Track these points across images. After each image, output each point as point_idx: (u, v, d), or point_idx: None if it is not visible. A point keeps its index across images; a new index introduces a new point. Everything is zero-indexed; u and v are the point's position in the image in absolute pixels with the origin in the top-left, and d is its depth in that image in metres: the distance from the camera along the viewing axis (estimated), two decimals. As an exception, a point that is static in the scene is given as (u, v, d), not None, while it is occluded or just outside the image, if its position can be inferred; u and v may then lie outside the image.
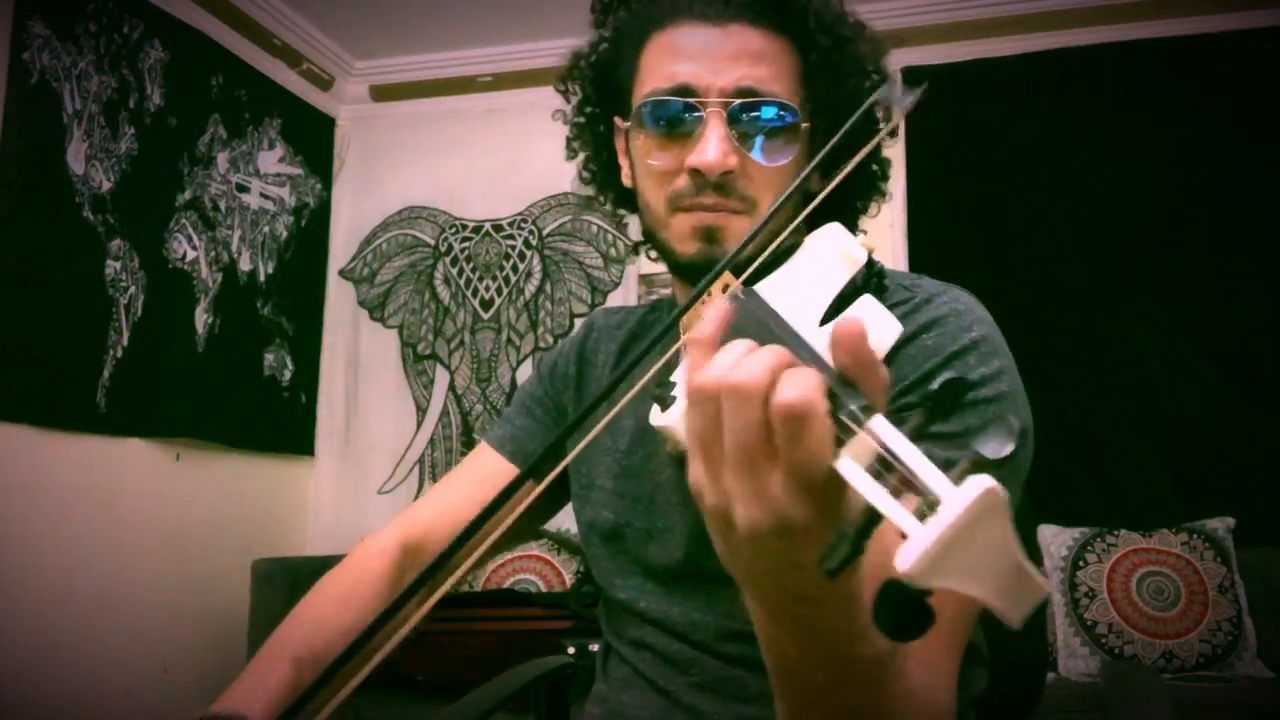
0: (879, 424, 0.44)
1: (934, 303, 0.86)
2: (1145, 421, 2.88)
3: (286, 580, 2.78)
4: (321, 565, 1.06)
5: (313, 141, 3.62)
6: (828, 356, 0.50)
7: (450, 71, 3.64)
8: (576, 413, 1.05)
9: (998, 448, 0.42)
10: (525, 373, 3.48)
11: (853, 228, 0.89)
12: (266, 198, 3.38)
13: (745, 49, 0.87)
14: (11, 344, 2.44)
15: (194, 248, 3.04)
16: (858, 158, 0.69)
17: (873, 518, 0.43)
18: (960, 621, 0.77)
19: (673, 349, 0.65)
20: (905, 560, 0.40)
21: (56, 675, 2.50)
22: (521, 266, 3.56)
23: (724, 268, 0.63)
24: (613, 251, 3.46)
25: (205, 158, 3.10)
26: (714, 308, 0.55)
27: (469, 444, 3.48)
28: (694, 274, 0.88)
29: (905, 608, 0.42)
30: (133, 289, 2.79)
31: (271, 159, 3.41)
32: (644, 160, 0.90)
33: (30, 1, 2.51)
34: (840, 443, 0.45)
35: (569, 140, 1.04)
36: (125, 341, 2.75)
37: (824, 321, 0.68)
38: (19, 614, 2.43)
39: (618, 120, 0.97)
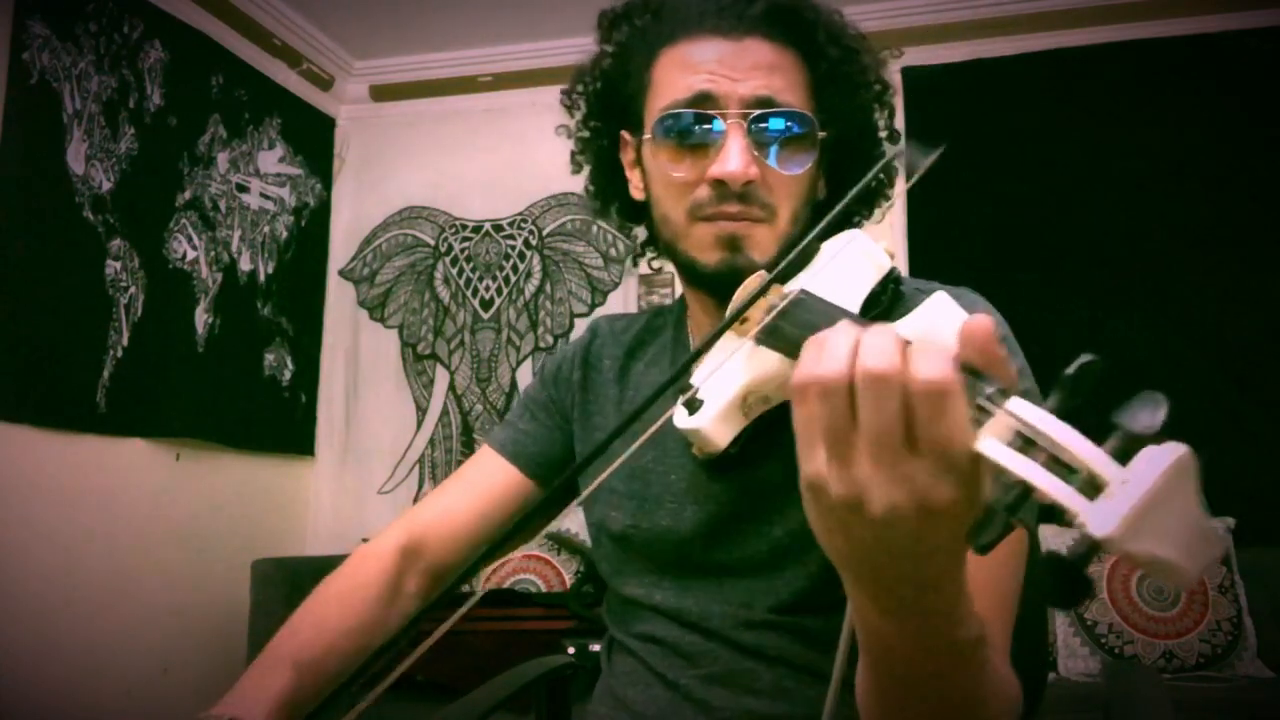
0: (1017, 403, 0.46)
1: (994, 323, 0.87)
2: (1145, 421, 2.88)
3: (286, 580, 2.78)
4: (321, 565, 1.06)
5: (313, 141, 3.62)
6: None
7: (450, 71, 3.64)
8: (585, 418, 1.07)
9: (1149, 420, 0.44)
10: (525, 372, 3.48)
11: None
12: (266, 198, 3.38)
13: (760, 61, 0.89)
14: (11, 344, 2.44)
15: (194, 248, 3.04)
16: (869, 176, 0.71)
17: (1024, 493, 0.44)
18: (1014, 598, 0.78)
19: (689, 358, 0.65)
20: (1105, 525, 0.41)
21: (56, 675, 2.50)
22: (521, 266, 3.56)
23: (773, 279, 0.63)
24: (613, 251, 3.46)
25: (205, 158, 3.10)
26: (757, 304, 0.55)
27: (469, 444, 3.49)
28: (717, 283, 0.90)
29: (1070, 577, 0.43)
30: (133, 289, 2.79)
31: (271, 159, 3.41)
32: (663, 172, 0.91)
33: (30, 1, 2.51)
34: (978, 424, 0.46)
35: (574, 154, 1.06)
36: (125, 341, 2.75)
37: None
38: (19, 614, 2.42)
39: (625, 134, 0.99)
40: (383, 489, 3.52)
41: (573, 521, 3.11)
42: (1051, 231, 3.08)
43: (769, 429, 0.82)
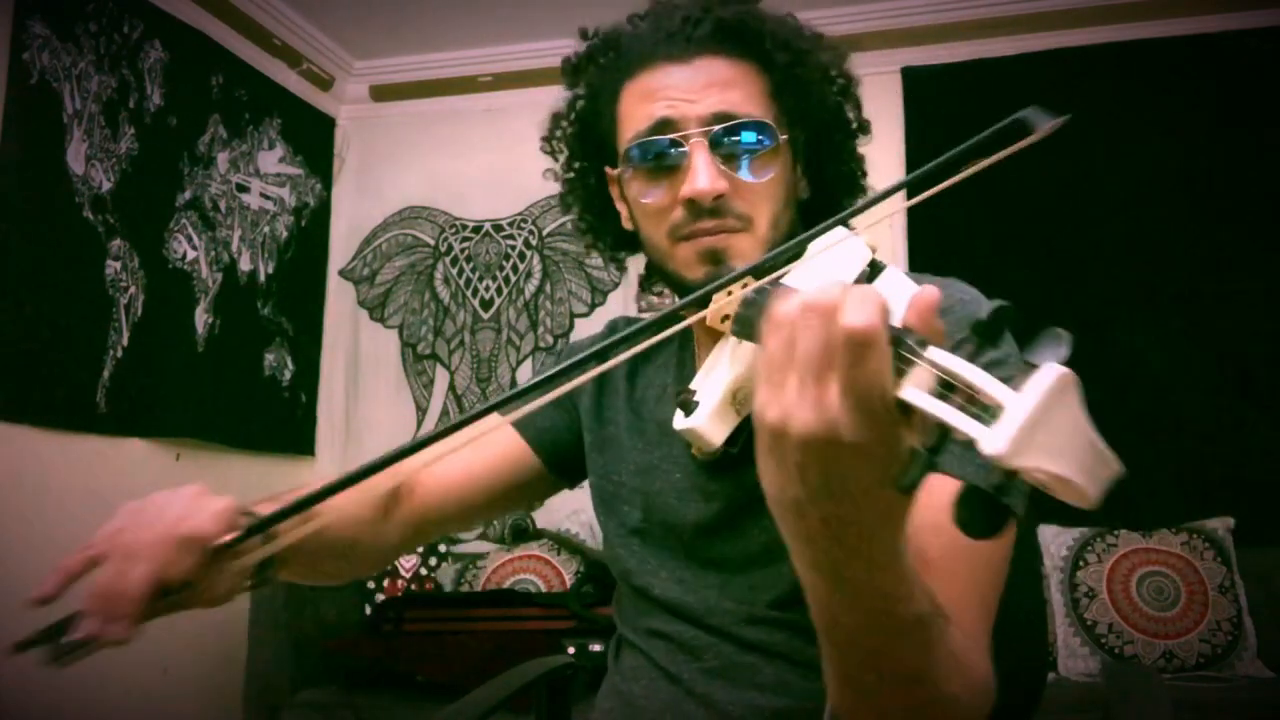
0: (936, 352, 0.49)
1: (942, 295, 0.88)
2: (1146, 422, 2.88)
3: (286, 580, 2.77)
4: (322, 565, 1.05)
5: (313, 141, 3.62)
6: None
7: (450, 71, 3.64)
8: (596, 409, 1.09)
9: (1052, 355, 0.46)
10: (525, 372, 3.48)
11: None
12: (267, 198, 3.38)
13: (714, 78, 0.92)
14: (11, 344, 2.44)
15: (194, 248, 3.04)
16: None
17: (944, 435, 0.48)
18: (991, 585, 0.79)
19: (666, 332, 0.67)
20: (995, 442, 0.44)
21: (56, 675, 2.49)
22: (521, 266, 3.56)
23: (746, 272, 0.67)
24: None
25: (205, 158, 3.10)
26: (733, 298, 0.58)
27: (469, 444, 3.48)
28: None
29: (983, 507, 0.46)
30: (133, 289, 2.79)
31: (271, 159, 3.41)
32: (639, 200, 0.95)
33: (30, 1, 2.51)
34: (901, 373, 0.49)
35: (563, 196, 1.09)
36: (125, 341, 2.75)
37: None
38: (19, 614, 2.42)
39: (608, 170, 1.02)
40: (383, 489, 3.52)
41: (573, 522, 3.11)
42: (1051, 231, 3.08)
43: None
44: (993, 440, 0.44)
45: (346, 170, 3.75)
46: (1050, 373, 0.45)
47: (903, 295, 0.57)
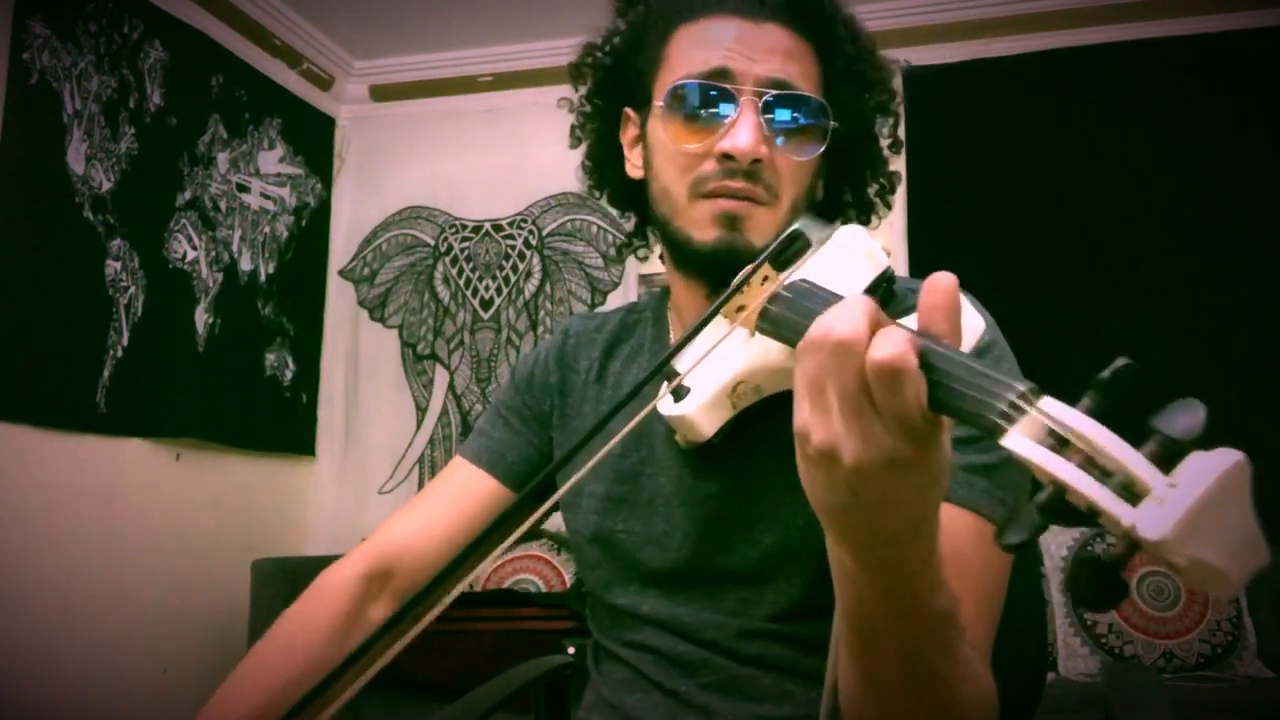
0: (1050, 403, 0.46)
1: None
2: (1145, 421, 2.88)
3: (286, 580, 2.78)
4: (321, 565, 1.03)
5: (313, 141, 3.62)
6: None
7: (450, 71, 3.64)
8: (564, 421, 1.04)
9: (1188, 425, 0.43)
10: (525, 373, 3.47)
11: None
12: (267, 198, 3.38)
13: (777, 46, 0.89)
14: (11, 344, 2.44)
15: (194, 248, 3.04)
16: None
17: (1057, 493, 0.44)
18: (995, 603, 0.79)
19: (669, 354, 0.66)
20: (1156, 528, 0.41)
21: (57, 675, 2.50)
22: (521, 266, 3.56)
23: (766, 258, 0.65)
24: (613, 251, 3.46)
25: (205, 158, 3.10)
26: (759, 296, 0.57)
27: (469, 444, 3.48)
28: (711, 262, 0.88)
29: (1104, 581, 0.43)
30: (133, 289, 2.79)
31: (271, 159, 3.41)
32: (669, 145, 0.90)
33: (30, 1, 2.51)
34: (1011, 420, 0.47)
35: (574, 128, 1.04)
36: (125, 341, 2.75)
37: None
38: (19, 614, 2.42)
39: (629, 111, 0.98)
40: (383, 489, 3.52)
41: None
42: (1052, 231, 3.08)
43: (755, 423, 0.81)
44: (1153, 524, 0.41)
45: (346, 170, 3.75)
46: (1227, 458, 0.42)
47: (967, 320, 0.56)
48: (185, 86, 3.00)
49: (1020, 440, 0.46)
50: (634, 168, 0.98)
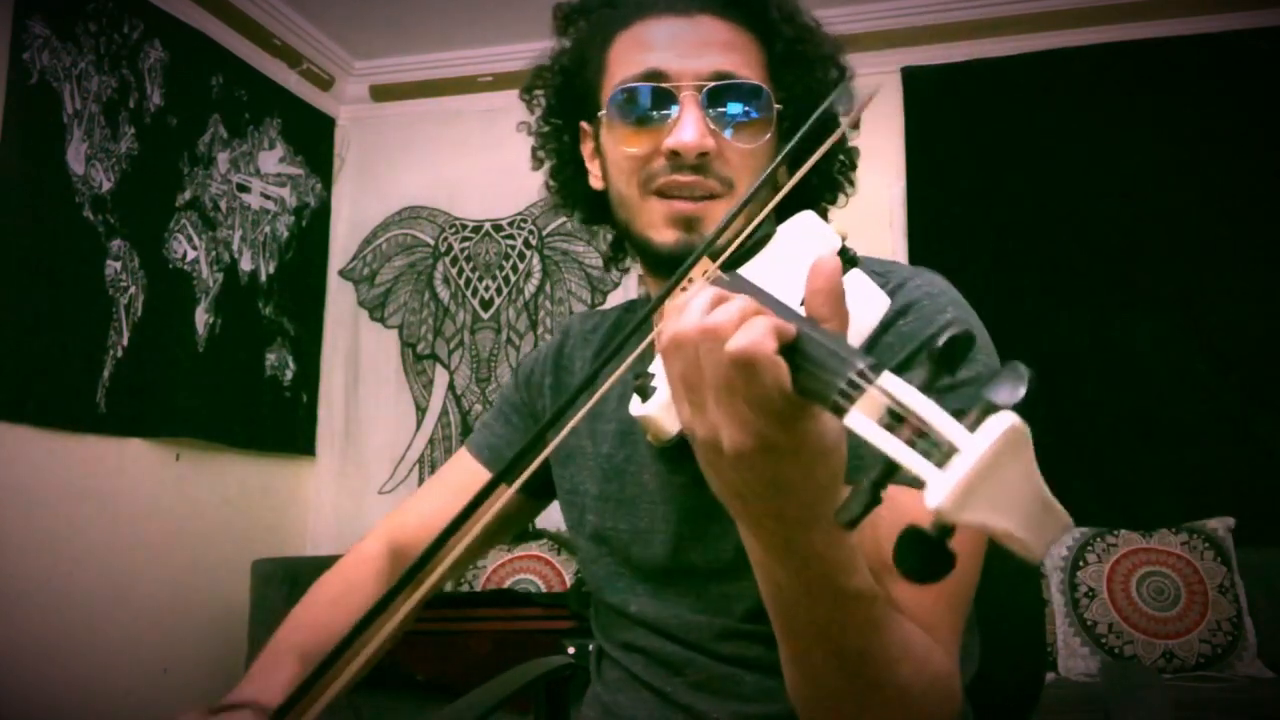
0: (887, 379, 0.46)
1: (907, 287, 0.87)
2: (1145, 421, 2.88)
3: (286, 580, 2.78)
4: (321, 565, 1.05)
5: (313, 141, 3.62)
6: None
7: (450, 71, 3.64)
8: (556, 426, 1.05)
9: (1009, 394, 0.43)
10: (525, 373, 3.48)
11: (823, 217, 0.90)
12: (267, 198, 3.38)
13: (714, 39, 0.89)
14: (11, 344, 2.44)
15: (194, 248, 3.04)
16: (820, 150, 0.72)
17: (889, 468, 0.45)
18: (961, 594, 0.78)
19: (648, 339, 0.66)
20: (935, 496, 0.41)
21: (57, 675, 2.50)
22: (521, 266, 3.56)
23: (703, 251, 0.65)
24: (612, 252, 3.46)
25: (205, 158, 3.10)
26: (695, 292, 0.57)
27: (469, 444, 3.48)
28: (673, 264, 0.87)
29: (927, 551, 0.43)
30: (133, 289, 2.79)
31: (272, 159, 3.41)
32: (617, 150, 0.91)
33: (30, 1, 2.51)
34: (850, 399, 0.47)
35: (534, 150, 1.07)
36: (125, 341, 2.75)
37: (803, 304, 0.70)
38: (19, 614, 2.42)
39: (584, 125, 0.99)
40: (383, 489, 3.52)
41: (573, 521, 3.11)
42: (1052, 231, 3.08)
43: None
44: (934, 492, 0.41)
45: (346, 170, 3.75)
46: (999, 423, 0.41)
47: (860, 297, 0.56)
48: (185, 86, 3.00)
49: (858, 418, 0.46)
50: (596, 179, 0.98)
